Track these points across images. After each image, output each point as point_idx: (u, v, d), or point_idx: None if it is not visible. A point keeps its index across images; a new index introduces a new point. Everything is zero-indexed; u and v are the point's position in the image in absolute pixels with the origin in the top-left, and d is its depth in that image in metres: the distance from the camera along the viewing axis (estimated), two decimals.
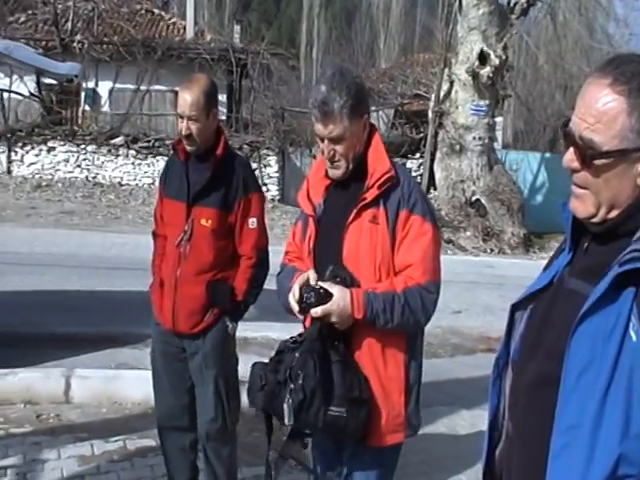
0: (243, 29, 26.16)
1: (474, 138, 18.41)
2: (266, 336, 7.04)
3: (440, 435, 5.17)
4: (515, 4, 18.80)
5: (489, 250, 17.58)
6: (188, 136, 3.35)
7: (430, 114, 19.23)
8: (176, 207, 3.46)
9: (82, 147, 19.82)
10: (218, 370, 3.47)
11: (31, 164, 19.78)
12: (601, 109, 1.38)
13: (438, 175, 19.09)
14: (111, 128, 20.22)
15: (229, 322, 3.48)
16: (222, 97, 20.81)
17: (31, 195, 17.93)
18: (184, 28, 22.78)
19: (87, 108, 21.35)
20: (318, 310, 2.38)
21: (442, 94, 18.80)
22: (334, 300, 2.39)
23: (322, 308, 2.38)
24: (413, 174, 17.89)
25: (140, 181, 19.73)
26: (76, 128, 20.40)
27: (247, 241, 3.47)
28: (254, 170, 5.12)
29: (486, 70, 17.89)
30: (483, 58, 17.94)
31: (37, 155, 19.82)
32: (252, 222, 3.46)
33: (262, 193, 3.62)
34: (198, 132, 3.35)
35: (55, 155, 19.80)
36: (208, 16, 39.17)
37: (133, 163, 19.89)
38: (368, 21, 43.90)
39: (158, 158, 19.23)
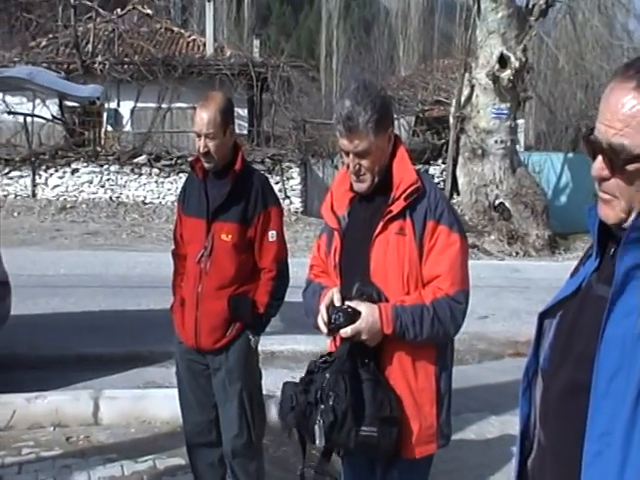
0: (262, 43, 26.38)
1: (496, 142, 18.30)
2: (292, 349, 7.02)
3: (470, 442, 5.12)
4: (534, 6, 18.65)
5: (514, 253, 17.42)
6: (206, 153, 3.38)
7: (451, 119, 19.17)
8: (196, 224, 3.47)
9: (105, 167, 19.91)
10: (242, 385, 3.47)
11: (55, 186, 19.90)
12: (628, 113, 1.35)
13: (461, 180, 19.00)
14: (133, 147, 20.30)
15: (251, 336, 3.48)
16: (243, 111, 20.94)
17: (56, 217, 18.07)
18: (204, 45, 22.99)
19: (109, 128, 21.52)
20: (348, 330, 2.37)
21: (463, 99, 18.74)
22: (362, 318, 2.37)
23: (352, 327, 2.37)
24: (436, 180, 17.83)
25: (163, 199, 19.80)
26: (99, 149, 20.51)
27: (267, 254, 3.47)
28: (275, 183, 5.12)
29: (506, 73, 17.78)
30: (503, 61, 17.83)
31: (61, 177, 19.94)
32: (272, 235, 3.47)
33: (280, 206, 3.64)
34: (216, 149, 3.37)
35: (79, 177, 19.91)
36: (227, 32, 39.56)
37: (156, 181, 19.97)
38: (387, 29, 43.89)
39: (181, 175, 19.24)
